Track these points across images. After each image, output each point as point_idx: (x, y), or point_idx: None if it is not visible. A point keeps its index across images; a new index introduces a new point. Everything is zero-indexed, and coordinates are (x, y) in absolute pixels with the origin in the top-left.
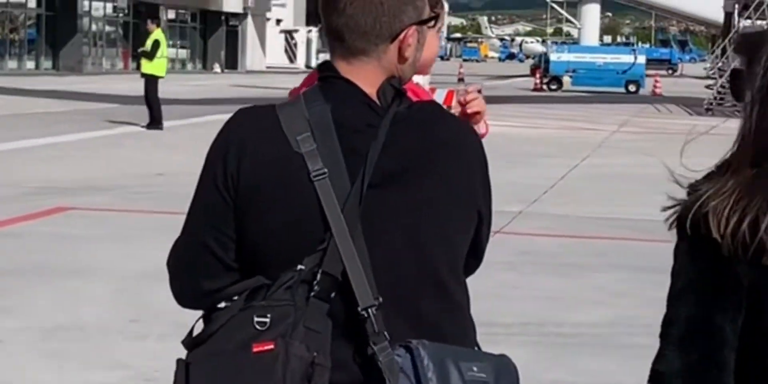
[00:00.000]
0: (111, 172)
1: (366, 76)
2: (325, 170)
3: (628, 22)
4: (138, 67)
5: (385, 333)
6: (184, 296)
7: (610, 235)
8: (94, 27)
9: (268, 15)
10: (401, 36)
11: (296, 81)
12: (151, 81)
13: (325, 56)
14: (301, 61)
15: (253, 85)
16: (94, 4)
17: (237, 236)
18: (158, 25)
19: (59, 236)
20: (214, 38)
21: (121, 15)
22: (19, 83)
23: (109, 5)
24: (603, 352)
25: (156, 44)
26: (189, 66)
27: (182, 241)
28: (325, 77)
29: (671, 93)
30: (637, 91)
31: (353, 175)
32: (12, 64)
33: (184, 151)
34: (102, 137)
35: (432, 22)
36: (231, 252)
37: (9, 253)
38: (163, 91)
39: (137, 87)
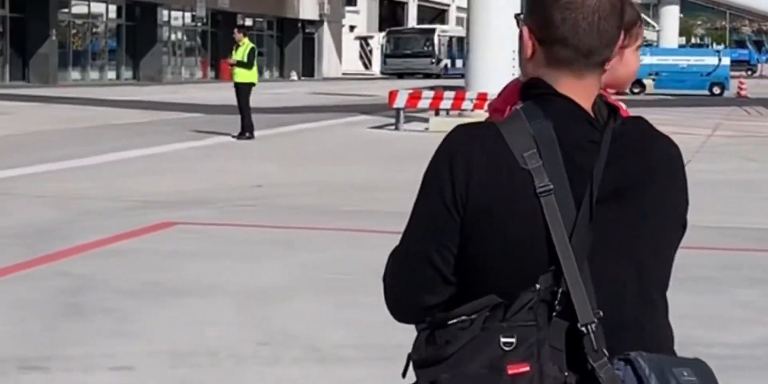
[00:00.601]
0: (209, 185)
1: (588, 92)
2: (551, 186)
3: (699, 23)
4: (217, 76)
5: (604, 348)
6: (401, 310)
7: (735, 246)
8: (173, 37)
9: (342, 21)
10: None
11: (373, 87)
12: (244, 89)
13: (392, 61)
14: (376, 68)
15: (332, 92)
16: (173, 13)
17: (458, 251)
18: (245, 34)
19: (169, 253)
20: (291, 46)
21: (199, 24)
22: (101, 94)
23: (188, 15)
24: (766, 375)
25: (252, 52)
26: (266, 74)
27: (403, 254)
28: (539, 94)
29: (756, 95)
30: (721, 94)
31: (576, 192)
32: (93, 74)
33: (277, 161)
34: (193, 148)
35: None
36: (451, 266)
37: (120, 272)
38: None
39: (218, 96)
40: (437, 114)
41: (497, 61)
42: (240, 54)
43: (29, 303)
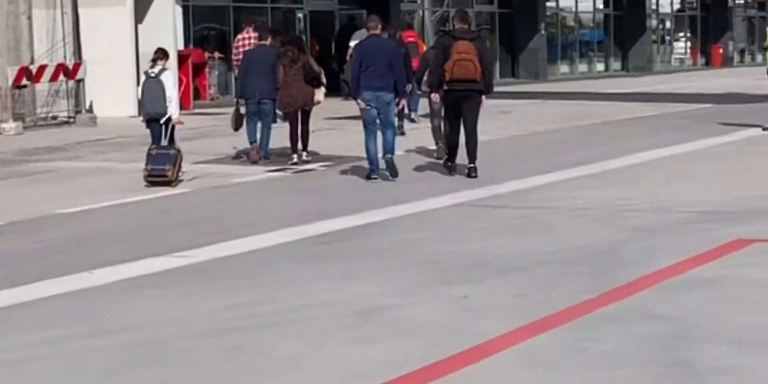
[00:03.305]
0: (766, 189)
1: None
2: None
3: None
4: (707, 63)
5: None
6: None
7: None
8: (661, 25)
9: None
10: None
11: None
12: None
13: None
14: None
15: None
16: (661, 0)
17: None
18: None
19: (765, 283)
20: None
21: (687, 10)
22: (593, 87)
23: (677, 1)
24: None
25: None
26: (759, 57)
27: None
28: None
29: None
30: None
31: None
32: (582, 67)
33: None
34: (725, 144)
35: None
36: None
37: (718, 312)
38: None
39: (716, 84)
40: None
41: None
42: None
43: (620, 358)
